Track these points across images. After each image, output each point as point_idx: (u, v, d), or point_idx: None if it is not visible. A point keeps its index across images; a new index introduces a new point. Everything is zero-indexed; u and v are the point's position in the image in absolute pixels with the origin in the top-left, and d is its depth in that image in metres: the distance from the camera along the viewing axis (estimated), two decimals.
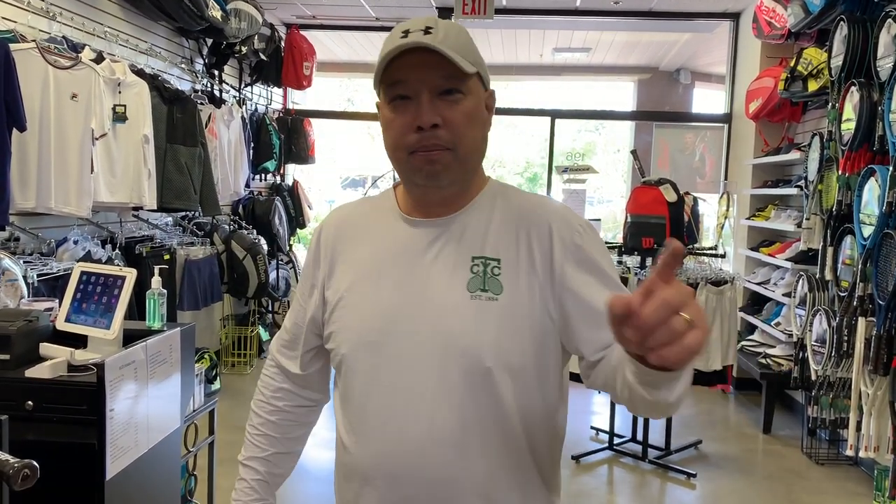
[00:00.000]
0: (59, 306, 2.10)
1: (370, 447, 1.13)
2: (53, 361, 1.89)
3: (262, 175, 6.45)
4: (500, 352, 1.10)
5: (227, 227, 5.60)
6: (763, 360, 5.03)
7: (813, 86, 4.51)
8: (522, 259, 1.13)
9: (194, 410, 2.51)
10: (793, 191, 5.00)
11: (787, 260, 4.92)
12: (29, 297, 2.55)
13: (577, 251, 1.14)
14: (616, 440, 4.46)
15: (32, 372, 1.86)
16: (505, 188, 1.23)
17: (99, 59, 3.61)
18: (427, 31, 1.08)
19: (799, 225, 4.67)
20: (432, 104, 1.08)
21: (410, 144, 1.09)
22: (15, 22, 3.30)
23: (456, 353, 1.10)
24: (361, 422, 1.15)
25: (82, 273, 2.04)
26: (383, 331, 1.13)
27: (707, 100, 9.12)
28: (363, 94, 15.02)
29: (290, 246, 6.89)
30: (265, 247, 5.70)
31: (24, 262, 3.02)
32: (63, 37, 3.53)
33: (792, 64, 4.74)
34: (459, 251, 1.14)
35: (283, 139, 6.56)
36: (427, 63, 1.07)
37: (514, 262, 1.13)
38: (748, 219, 5.75)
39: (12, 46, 3.01)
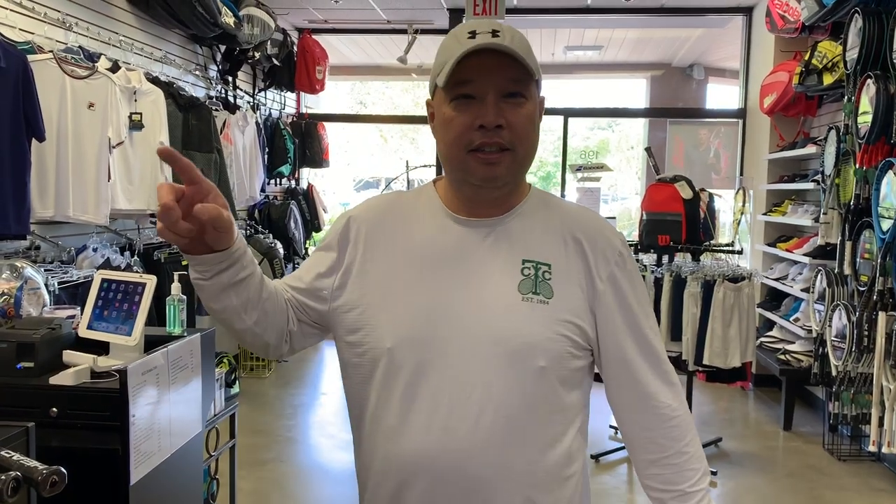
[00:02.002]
0: (81, 314, 2.13)
1: (414, 444, 1.12)
2: (77, 368, 1.91)
3: (277, 179, 6.49)
4: (552, 354, 1.13)
5: (243, 231, 5.63)
6: (782, 357, 4.99)
7: (828, 79, 4.47)
8: (572, 267, 1.17)
9: (215, 415, 2.53)
10: (809, 185, 4.96)
11: (804, 255, 4.88)
12: (50, 304, 2.58)
13: (616, 277, 1.19)
14: None
15: (56, 379, 1.88)
16: (546, 195, 1.26)
17: (115, 67, 3.65)
18: (494, 33, 1.09)
19: (816, 220, 4.63)
20: (497, 105, 1.09)
21: (471, 142, 1.11)
22: (32, 33, 3.34)
23: (509, 353, 1.11)
24: (404, 418, 1.13)
25: (103, 280, 2.06)
26: (432, 327, 1.13)
27: (721, 95, 9.07)
28: (375, 96, 15.06)
29: (306, 249, 6.92)
30: (281, 251, 5.73)
31: (45, 271, 3.06)
32: (79, 47, 3.56)
33: (806, 57, 4.70)
34: (511, 253, 1.16)
35: (297, 143, 6.59)
36: (495, 65, 1.09)
37: (564, 268, 1.16)
38: (765, 214, 5.71)
39: (30, 58, 3.05)
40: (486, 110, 1.09)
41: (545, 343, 1.12)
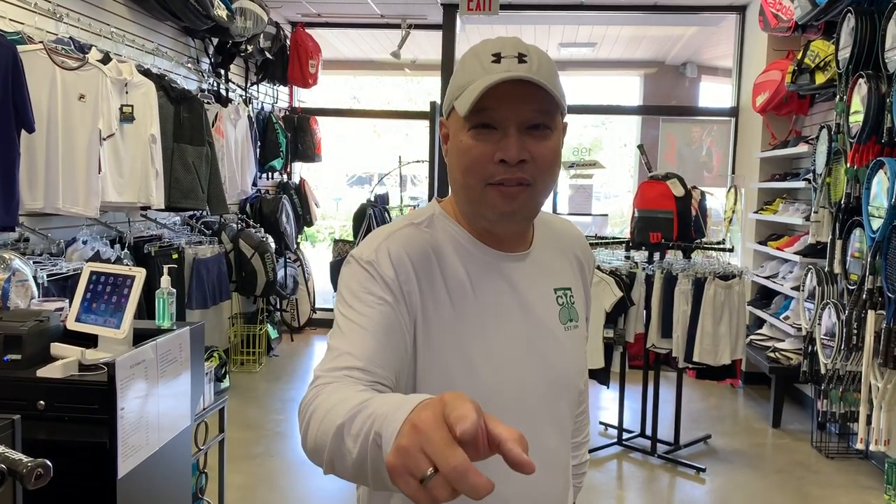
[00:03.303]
0: (70, 306, 2.12)
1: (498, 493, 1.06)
2: (64, 361, 1.90)
3: (269, 174, 6.46)
4: (583, 372, 1.21)
5: (234, 225, 5.61)
6: (772, 354, 5.01)
7: (820, 78, 4.49)
8: (579, 286, 1.22)
9: (204, 409, 2.52)
10: (801, 184, 4.98)
11: (795, 253, 4.90)
12: (39, 297, 2.57)
13: (590, 285, 1.28)
14: (625, 435, 4.46)
15: (44, 372, 1.87)
16: (540, 213, 1.23)
17: (106, 59, 3.63)
18: (521, 58, 1.01)
19: (807, 218, 4.65)
20: (520, 138, 1.01)
21: (489, 176, 1.02)
22: (22, 24, 3.31)
23: (563, 387, 1.15)
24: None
25: (92, 273, 2.05)
26: (501, 376, 1.07)
27: (714, 93, 9.08)
28: (368, 91, 15.03)
29: (298, 244, 6.90)
30: (273, 245, 5.72)
31: (34, 263, 3.04)
32: (70, 38, 3.54)
33: (799, 56, 4.72)
34: (545, 284, 1.16)
35: (289, 137, 6.57)
36: (520, 95, 1.00)
37: (577, 290, 1.21)
38: (756, 212, 5.73)
39: (20, 48, 3.02)
40: (509, 144, 1.00)
41: (583, 365, 1.20)
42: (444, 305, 1.06)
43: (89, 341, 2.00)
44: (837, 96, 4.12)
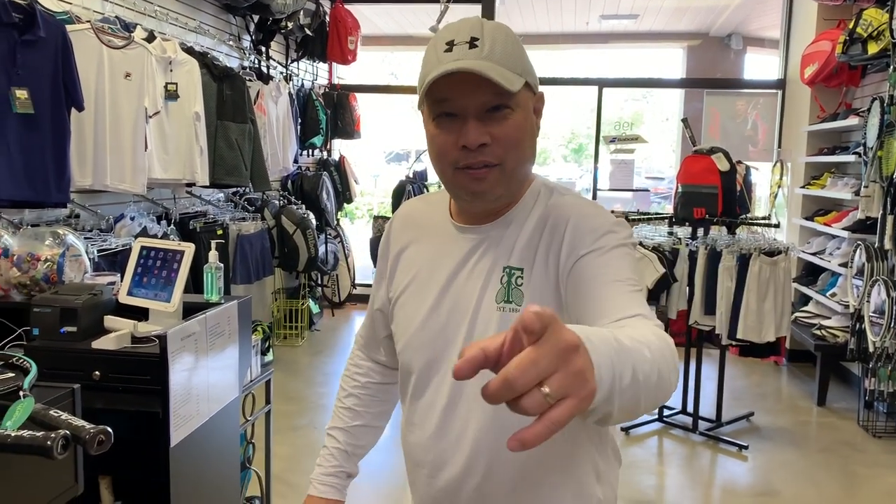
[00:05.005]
0: (121, 280, 2.17)
1: (418, 438, 1.22)
2: (118, 333, 1.95)
3: (310, 150, 6.51)
4: None
5: (276, 202, 5.67)
6: (818, 332, 4.93)
7: (873, 48, 4.34)
8: (539, 264, 1.10)
9: (251, 381, 2.57)
10: (850, 158, 4.85)
11: (843, 229, 4.79)
12: (91, 271, 2.63)
13: (588, 246, 1.06)
14: (666, 412, 4.44)
15: (99, 343, 1.93)
16: (549, 189, 1.17)
17: (150, 38, 3.67)
18: (472, 43, 1.02)
19: (857, 193, 4.54)
20: (479, 123, 1.04)
21: (455, 161, 1.07)
22: (70, 3, 3.37)
23: None
24: (413, 414, 1.23)
25: (142, 248, 2.10)
26: (427, 335, 1.19)
27: (760, 65, 8.87)
28: (407, 67, 14.98)
29: (338, 220, 6.96)
30: (314, 221, 5.78)
31: (85, 238, 3.11)
32: (116, 17, 3.59)
33: (851, 26, 4.57)
34: (494, 261, 1.14)
35: (329, 114, 6.59)
36: (473, 81, 1.01)
37: (532, 269, 1.11)
38: (803, 188, 5.60)
39: (68, 27, 3.08)
40: (468, 130, 1.03)
41: None
42: (412, 264, 1.24)
43: (140, 314, 2.05)
44: (891, 67, 3.99)
